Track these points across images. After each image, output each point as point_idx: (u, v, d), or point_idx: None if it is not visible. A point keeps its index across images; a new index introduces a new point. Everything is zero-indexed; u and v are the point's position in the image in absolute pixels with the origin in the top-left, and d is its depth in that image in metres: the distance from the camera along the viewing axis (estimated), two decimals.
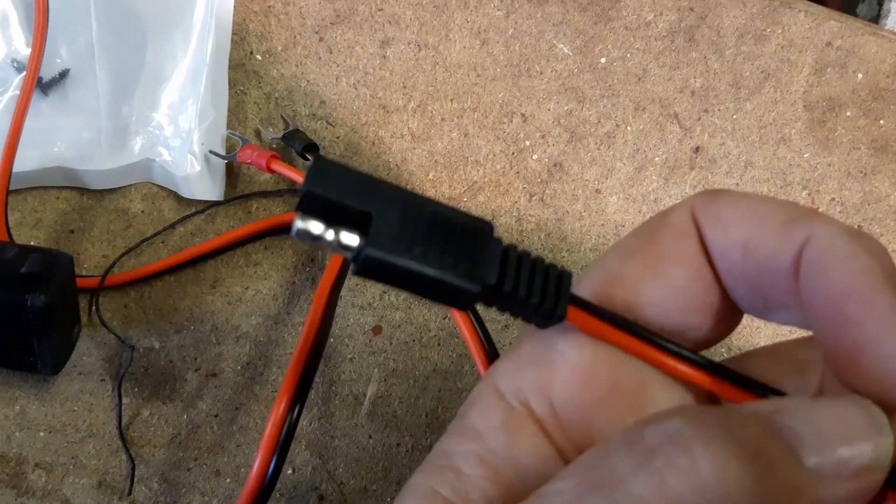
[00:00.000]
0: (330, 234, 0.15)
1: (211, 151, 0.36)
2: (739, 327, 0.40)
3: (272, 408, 0.28)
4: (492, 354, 0.30)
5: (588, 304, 0.17)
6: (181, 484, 0.36)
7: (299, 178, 0.35)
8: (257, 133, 0.38)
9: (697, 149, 0.40)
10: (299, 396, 0.28)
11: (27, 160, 0.35)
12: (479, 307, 0.34)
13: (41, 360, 0.33)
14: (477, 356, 0.30)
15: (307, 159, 0.36)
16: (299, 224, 0.14)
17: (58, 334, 0.33)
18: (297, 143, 0.36)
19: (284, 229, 0.37)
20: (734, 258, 0.18)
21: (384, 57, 0.38)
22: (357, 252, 0.15)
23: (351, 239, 0.15)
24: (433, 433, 0.38)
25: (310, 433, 0.37)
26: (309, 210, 0.15)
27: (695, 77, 0.39)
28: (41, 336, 0.32)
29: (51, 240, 0.37)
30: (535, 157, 0.39)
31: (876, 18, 0.49)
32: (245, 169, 0.38)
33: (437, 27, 0.38)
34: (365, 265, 0.15)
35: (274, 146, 0.38)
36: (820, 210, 0.40)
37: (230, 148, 0.37)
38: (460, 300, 0.16)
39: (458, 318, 0.31)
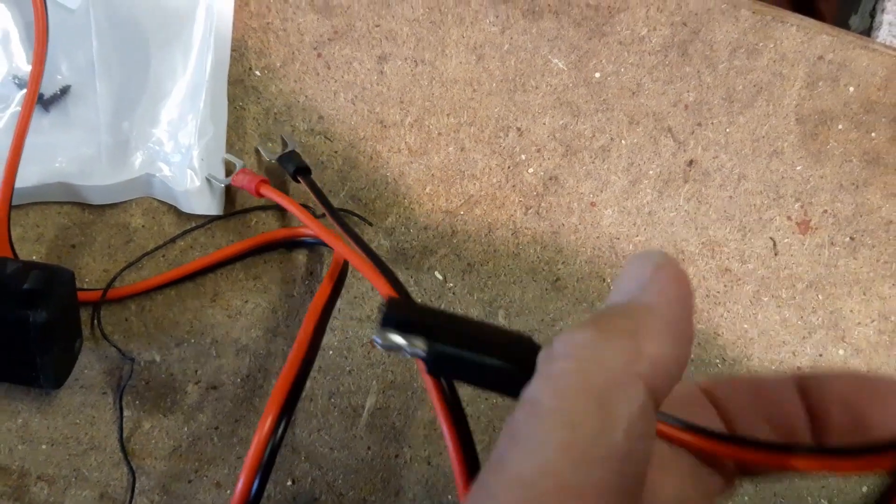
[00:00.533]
0: (406, 343, 0.19)
1: (210, 176, 0.36)
2: (734, 339, 0.40)
3: (253, 437, 0.28)
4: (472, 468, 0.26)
5: None
6: (182, 496, 0.36)
7: (286, 203, 0.35)
8: (257, 153, 0.38)
9: (691, 162, 0.40)
10: (285, 412, 0.28)
11: (29, 176, 0.36)
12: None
13: (43, 375, 0.33)
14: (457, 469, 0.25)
15: (298, 182, 0.36)
16: (381, 338, 0.19)
17: (60, 349, 0.34)
18: (290, 166, 0.36)
19: (283, 243, 0.38)
20: None
21: (381, 72, 0.39)
22: (426, 351, 0.19)
23: (420, 343, 0.19)
24: (431, 444, 0.39)
25: (309, 445, 0.37)
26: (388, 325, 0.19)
27: (688, 91, 0.40)
28: (43, 352, 0.32)
29: (52, 254, 0.37)
30: (530, 170, 0.39)
31: (868, 31, 0.49)
32: None
33: (434, 43, 0.39)
34: (435, 360, 0.19)
35: (275, 164, 0.38)
36: (812, 222, 0.41)
37: (230, 168, 0.38)
38: (513, 386, 0.19)
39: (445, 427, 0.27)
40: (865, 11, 0.52)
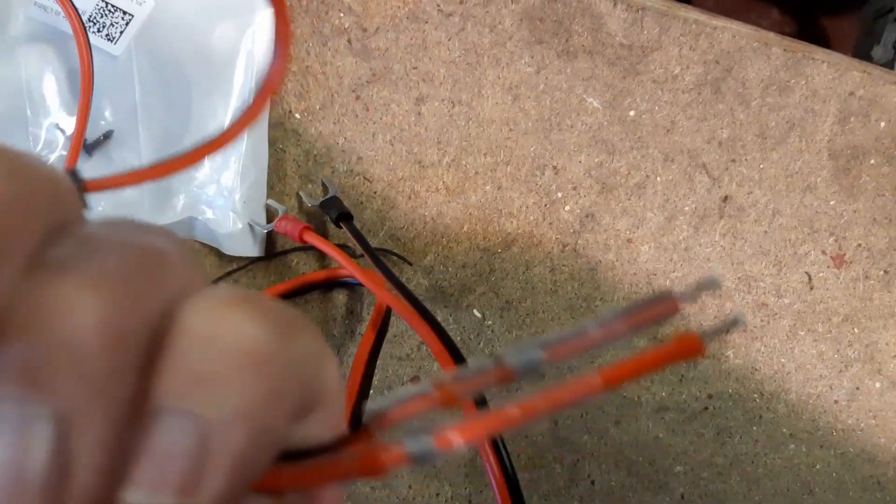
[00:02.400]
0: None
1: (252, 222, 0.37)
2: (771, 374, 0.40)
3: None
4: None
5: None
6: None
7: (329, 249, 0.35)
8: (298, 199, 0.38)
9: (726, 198, 0.40)
10: None
11: None
12: None
13: None
14: None
15: (340, 227, 0.36)
16: None
17: None
18: (333, 212, 0.36)
19: (324, 285, 0.38)
20: None
21: (419, 114, 0.39)
22: None
23: None
24: (471, 483, 0.39)
25: (350, 485, 0.37)
26: None
27: (722, 128, 0.40)
28: None
29: None
30: (567, 208, 0.40)
31: (891, 62, 0.50)
32: None
33: (470, 84, 0.39)
34: None
35: (316, 208, 0.39)
36: (846, 256, 0.41)
37: (272, 213, 0.38)
38: None
39: None
40: (888, 43, 0.53)
